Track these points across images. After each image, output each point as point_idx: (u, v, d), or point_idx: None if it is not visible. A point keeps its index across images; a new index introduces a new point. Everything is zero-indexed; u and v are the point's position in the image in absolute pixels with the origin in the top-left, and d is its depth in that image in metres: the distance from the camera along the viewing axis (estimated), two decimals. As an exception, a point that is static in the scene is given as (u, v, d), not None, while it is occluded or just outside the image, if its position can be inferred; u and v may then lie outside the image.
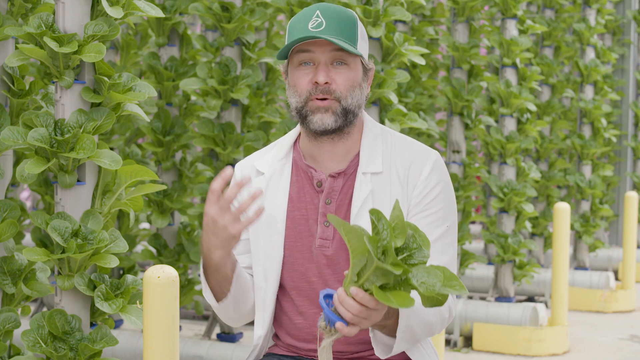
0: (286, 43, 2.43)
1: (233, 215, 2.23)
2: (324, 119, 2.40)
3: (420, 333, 2.35)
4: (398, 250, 2.04)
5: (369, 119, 2.54)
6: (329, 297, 2.12)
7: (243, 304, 2.47)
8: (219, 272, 2.36)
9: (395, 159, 2.47)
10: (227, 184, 2.27)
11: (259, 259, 2.48)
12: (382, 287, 2.02)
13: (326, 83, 2.39)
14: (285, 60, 2.47)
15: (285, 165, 2.51)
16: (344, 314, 2.06)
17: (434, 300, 2.05)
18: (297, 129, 2.56)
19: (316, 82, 2.39)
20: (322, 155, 2.48)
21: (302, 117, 2.43)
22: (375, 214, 2.02)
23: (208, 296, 2.46)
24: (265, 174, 2.51)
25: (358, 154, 2.48)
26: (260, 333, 2.50)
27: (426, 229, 2.41)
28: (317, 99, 2.40)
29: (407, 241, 2.04)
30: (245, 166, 2.56)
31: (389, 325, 2.29)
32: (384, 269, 1.98)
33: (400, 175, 2.45)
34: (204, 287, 2.45)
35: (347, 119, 2.42)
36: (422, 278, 1.99)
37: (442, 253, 2.42)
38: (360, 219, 2.40)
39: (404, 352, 2.47)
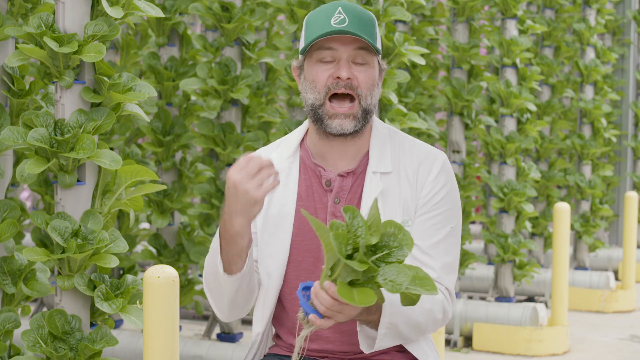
0: (304, 37, 2.41)
1: (256, 180, 2.21)
2: (343, 125, 2.39)
3: (407, 332, 2.35)
4: (376, 249, 2.05)
5: (377, 119, 2.54)
6: (307, 289, 2.17)
7: (247, 292, 2.42)
8: (236, 243, 2.30)
9: (404, 159, 2.47)
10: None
11: (264, 256, 2.48)
12: (351, 283, 2.05)
13: (348, 79, 2.38)
14: (300, 56, 2.45)
15: (293, 164, 2.50)
16: (318, 307, 2.12)
17: (408, 299, 2.08)
18: (304, 126, 2.54)
19: (338, 77, 2.37)
20: (331, 154, 2.47)
21: (318, 117, 2.41)
22: (350, 211, 2.05)
23: (214, 269, 2.36)
24: None
25: (367, 154, 2.48)
26: (258, 330, 2.50)
27: (431, 230, 2.42)
28: (336, 96, 2.38)
29: (387, 239, 2.07)
30: None
31: (373, 320, 2.30)
32: (349, 265, 2.01)
33: (409, 176, 2.45)
34: (212, 261, 2.37)
35: (365, 121, 2.42)
36: (390, 276, 2.01)
37: (445, 254, 2.43)
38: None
39: (405, 349, 2.47)
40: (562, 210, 5.89)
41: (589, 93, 8.15)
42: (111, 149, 5.01)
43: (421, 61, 4.78)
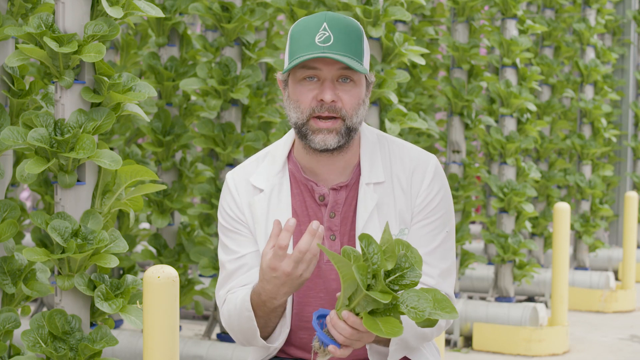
0: (288, 52, 2.36)
1: (306, 261, 2.20)
2: (326, 140, 2.35)
3: (415, 343, 2.37)
4: (389, 271, 2.04)
5: (364, 126, 2.50)
6: (321, 317, 2.15)
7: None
8: (276, 312, 2.34)
9: (396, 167, 2.45)
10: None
11: None
12: (372, 312, 2.04)
13: (332, 101, 2.32)
14: (286, 72, 2.38)
15: (283, 179, 2.45)
16: (336, 337, 2.10)
17: (427, 322, 2.07)
18: (289, 138, 2.49)
19: (322, 100, 2.32)
20: (320, 169, 2.43)
21: (302, 134, 2.37)
22: (365, 239, 2.03)
23: (252, 339, 2.38)
24: (264, 190, 2.44)
25: (358, 165, 2.45)
26: (277, 345, 2.46)
27: (428, 237, 2.42)
28: (319, 117, 2.34)
29: (399, 261, 2.05)
30: (237, 179, 2.48)
31: (383, 340, 2.32)
32: (372, 297, 1.99)
33: (403, 185, 2.43)
34: (248, 331, 2.37)
35: (349, 137, 2.37)
36: (412, 303, 2.00)
37: (443, 259, 2.43)
38: (367, 231, 2.38)
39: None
40: (562, 210, 5.89)
41: (589, 93, 8.15)
42: (111, 149, 5.01)
43: (421, 61, 4.78)
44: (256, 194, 2.45)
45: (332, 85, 2.33)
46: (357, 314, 2.06)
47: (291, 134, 2.49)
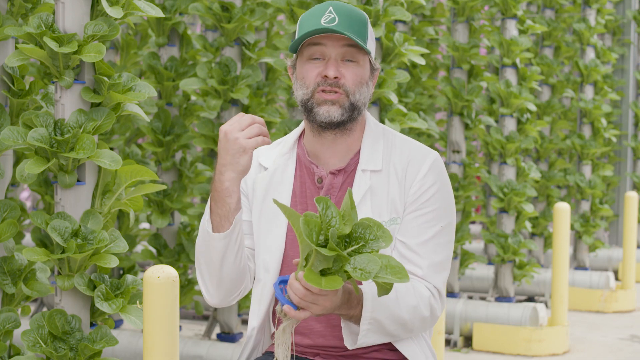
0: (297, 36, 2.45)
1: (246, 131, 2.32)
2: (330, 111, 2.42)
3: (392, 328, 2.35)
4: (351, 239, 2.06)
5: (371, 119, 2.56)
6: (284, 282, 2.20)
7: (235, 265, 2.44)
8: (224, 202, 2.37)
9: (394, 157, 2.49)
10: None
11: (262, 251, 2.51)
12: (323, 273, 2.06)
13: (335, 77, 2.41)
14: (293, 55, 2.50)
15: (289, 160, 2.54)
16: (292, 298, 2.15)
17: (382, 288, 2.10)
18: (301, 126, 2.59)
19: (325, 76, 2.41)
20: (323, 152, 2.50)
21: (308, 109, 2.45)
22: (322, 202, 2.07)
23: (204, 232, 2.43)
24: (268, 169, 2.54)
25: (359, 152, 2.50)
26: (254, 324, 2.52)
27: (419, 228, 2.42)
28: (323, 90, 2.42)
29: (362, 231, 2.07)
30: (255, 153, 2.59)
31: (355, 315, 2.30)
32: (322, 254, 2.02)
33: (399, 174, 2.46)
34: (202, 225, 2.45)
35: (352, 114, 2.45)
36: (360, 265, 2.02)
37: (434, 252, 2.43)
38: (359, 214, 2.40)
39: (397, 350, 2.46)
40: (562, 210, 5.89)
41: (589, 93, 8.15)
42: (111, 149, 5.01)
43: (421, 61, 4.78)
44: (261, 172, 2.56)
45: (335, 63, 2.42)
46: None
47: (302, 124, 2.59)
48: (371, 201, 2.44)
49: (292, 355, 2.47)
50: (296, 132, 2.59)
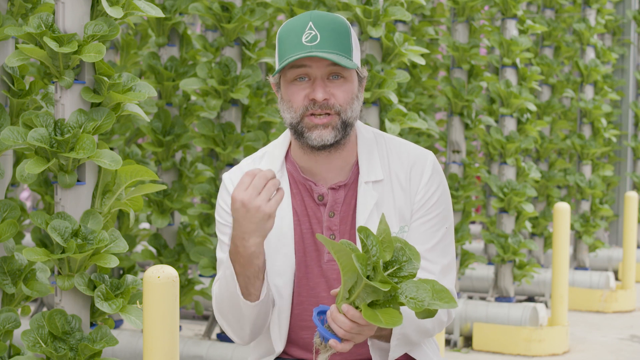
0: (277, 54, 2.36)
1: (264, 194, 2.17)
2: (322, 135, 2.34)
3: (417, 338, 2.37)
4: (387, 264, 2.05)
5: (360, 125, 2.50)
6: (322, 313, 2.15)
7: (267, 314, 2.39)
8: (252, 264, 2.26)
9: (394, 165, 2.45)
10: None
11: (272, 274, 2.42)
12: (372, 304, 2.04)
13: (325, 99, 2.32)
14: (277, 73, 2.38)
15: (281, 179, 2.45)
16: (337, 331, 2.10)
17: (427, 312, 2.07)
18: (285, 138, 2.49)
19: (314, 99, 2.32)
20: (318, 168, 2.43)
21: (298, 133, 2.36)
22: (363, 232, 2.04)
23: (233, 298, 2.30)
24: None
25: (356, 163, 2.45)
26: (279, 349, 2.45)
27: (428, 233, 2.42)
28: (313, 114, 2.33)
29: (396, 254, 2.07)
30: (235, 177, 2.48)
31: (384, 334, 2.32)
32: (372, 286, 1.99)
33: (402, 182, 2.43)
34: (229, 289, 2.31)
35: (345, 132, 2.37)
36: (411, 294, 2.00)
37: (443, 255, 2.43)
38: (371, 229, 2.38)
39: (409, 356, 2.47)
40: (562, 210, 5.89)
41: (589, 93, 8.15)
42: (111, 149, 5.01)
43: (421, 61, 4.78)
44: None
45: (322, 84, 2.33)
46: (357, 307, 2.07)
47: (287, 135, 2.49)
48: (378, 213, 2.39)
49: None
50: (281, 146, 2.48)
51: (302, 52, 2.29)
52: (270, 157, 2.49)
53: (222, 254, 2.46)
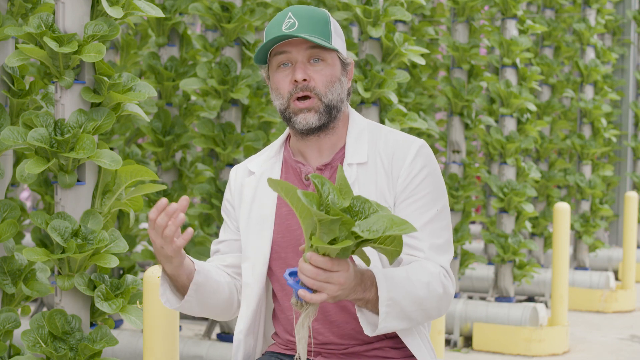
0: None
1: (165, 239, 2.27)
2: (307, 119, 2.43)
3: (411, 309, 2.29)
4: (352, 214, 2.04)
5: (355, 114, 2.56)
6: (293, 274, 2.15)
7: (210, 306, 2.51)
8: (177, 280, 2.42)
9: (379, 148, 2.48)
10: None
11: (248, 256, 2.50)
12: (331, 243, 2.03)
13: (304, 80, 2.42)
14: (266, 65, 2.51)
15: (275, 164, 2.55)
16: (305, 281, 2.09)
17: (393, 252, 2.06)
18: (288, 130, 2.60)
19: (295, 81, 2.42)
20: (309, 151, 2.51)
21: (287, 119, 2.47)
22: (318, 179, 2.05)
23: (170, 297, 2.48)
24: (255, 173, 2.55)
25: (344, 147, 2.51)
26: (240, 327, 2.50)
27: (415, 214, 2.40)
28: (297, 99, 2.43)
29: (362, 206, 2.06)
30: (239, 168, 2.61)
31: (371, 299, 2.24)
32: (326, 223, 1.98)
33: (385, 164, 2.46)
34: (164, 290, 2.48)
35: (330, 115, 2.45)
36: (367, 226, 2.00)
37: (434, 236, 2.40)
38: None
39: (399, 346, 2.45)
40: (562, 210, 5.89)
41: (589, 93, 8.15)
42: (111, 149, 5.01)
43: (421, 61, 4.78)
44: (249, 176, 2.57)
45: (303, 66, 2.43)
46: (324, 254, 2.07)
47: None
48: (359, 193, 2.40)
49: (309, 351, 2.46)
50: (283, 135, 2.61)
51: (279, 35, 2.40)
52: (271, 146, 2.60)
53: (222, 236, 2.61)
